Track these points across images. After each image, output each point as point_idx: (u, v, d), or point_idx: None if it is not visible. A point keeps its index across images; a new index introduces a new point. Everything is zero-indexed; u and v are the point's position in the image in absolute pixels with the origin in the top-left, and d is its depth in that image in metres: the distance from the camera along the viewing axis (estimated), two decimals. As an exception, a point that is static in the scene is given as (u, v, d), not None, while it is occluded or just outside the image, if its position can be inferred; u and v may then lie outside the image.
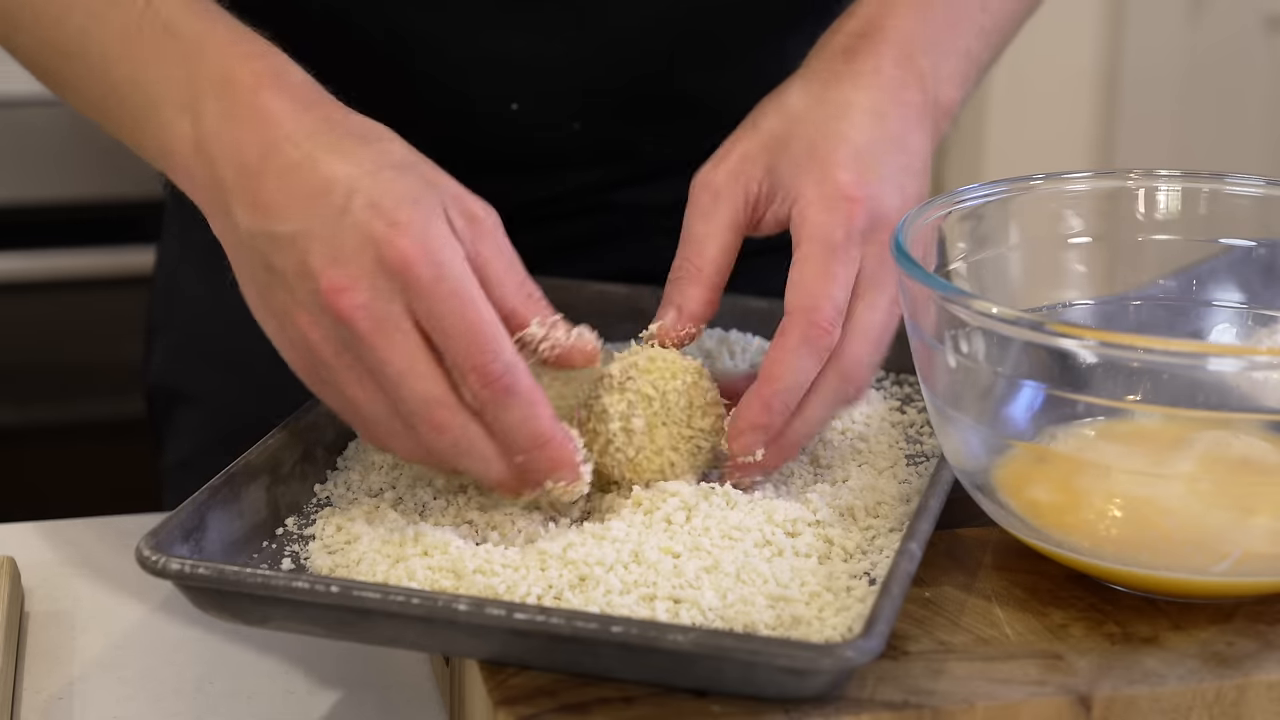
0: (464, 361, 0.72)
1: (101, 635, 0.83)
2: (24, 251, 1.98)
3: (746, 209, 0.82)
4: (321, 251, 0.73)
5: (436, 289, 0.72)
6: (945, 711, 0.66)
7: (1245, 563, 0.71)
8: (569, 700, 0.67)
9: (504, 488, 0.75)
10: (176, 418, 1.14)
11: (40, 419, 2.05)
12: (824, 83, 0.84)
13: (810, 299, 0.77)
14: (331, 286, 0.72)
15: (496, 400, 0.73)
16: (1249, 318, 0.83)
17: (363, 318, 0.72)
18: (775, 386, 0.77)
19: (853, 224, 0.78)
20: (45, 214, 1.98)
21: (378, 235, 0.72)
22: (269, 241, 0.74)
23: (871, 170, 0.80)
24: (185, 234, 1.14)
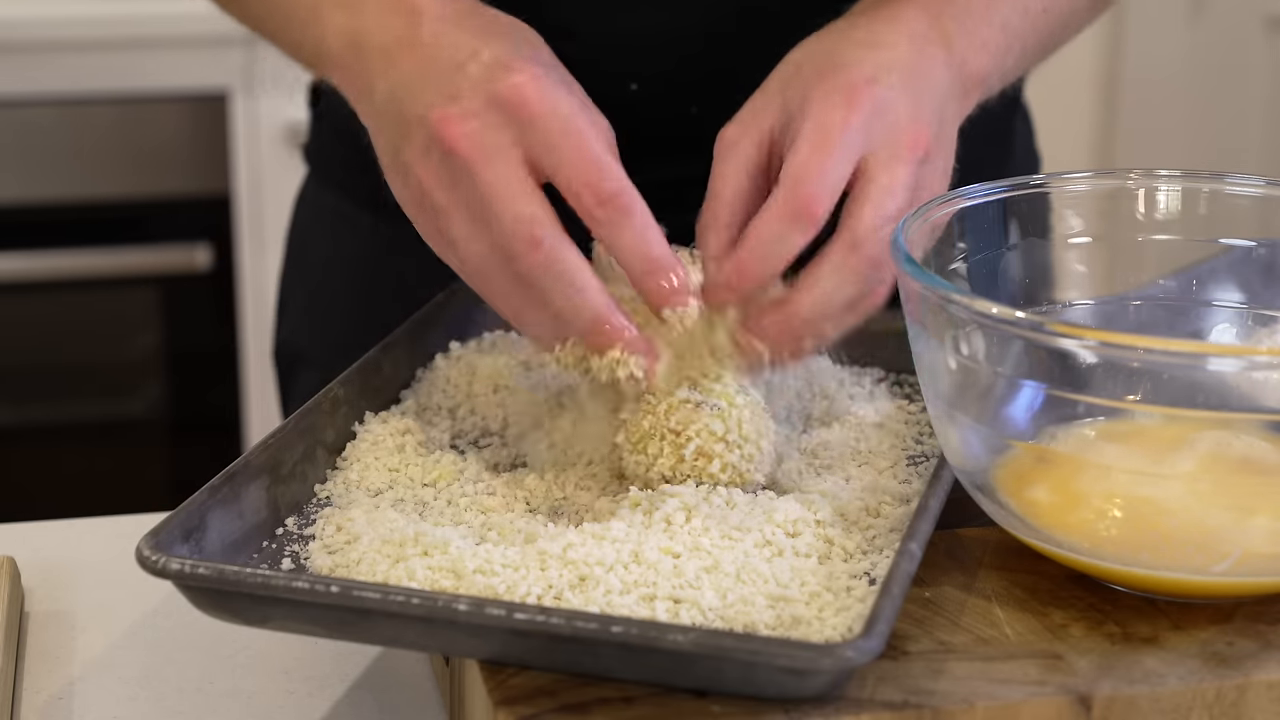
0: (577, 180, 0.74)
1: (101, 635, 0.83)
2: (24, 252, 1.98)
3: (760, 150, 0.81)
4: (438, 91, 0.77)
5: (548, 116, 0.75)
6: (945, 711, 0.66)
7: (1245, 563, 0.71)
8: (569, 700, 0.67)
9: (594, 320, 0.75)
10: (300, 379, 1.16)
11: (40, 419, 2.05)
12: (844, 27, 0.84)
13: (799, 171, 0.76)
14: (441, 118, 0.76)
15: (611, 219, 0.74)
16: (1249, 318, 0.83)
17: (466, 145, 0.75)
18: (750, 249, 0.76)
19: (851, 108, 0.78)
20: (45, 214, 1.98)
21: (494, 75, 0.76)
22: (396, 98, 0.78)
23: (881, 74, 0.79)
24: (317, 198, 1.17)
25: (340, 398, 0.85)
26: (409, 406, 0.89)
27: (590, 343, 0.76)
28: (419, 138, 0.77)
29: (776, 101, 0.81)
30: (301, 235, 1.20)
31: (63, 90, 1.93)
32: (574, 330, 0.76)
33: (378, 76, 0.80)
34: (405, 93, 0.78)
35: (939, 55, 0.83)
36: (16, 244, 1.97)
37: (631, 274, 0.76)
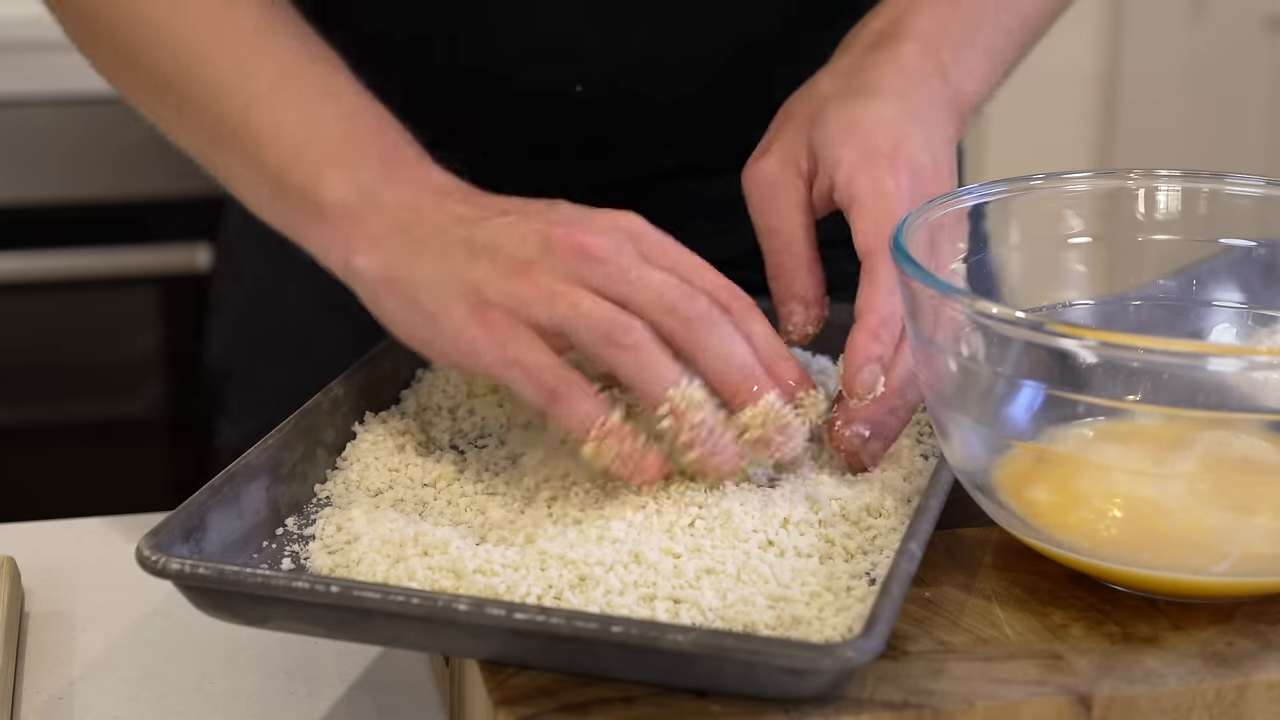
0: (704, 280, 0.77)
1: (101, 635, 0.83)
2: (23, 252, 1.98)
3: (805, 187, 0.84)
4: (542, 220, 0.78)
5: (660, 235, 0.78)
6: (945, 711, 0.66)
7: (1245, 563, 0.71)
8: (569, 700, 0.67)
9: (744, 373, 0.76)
10: (231, 397, 1.15)
11: (40, 419, 2.05)
12: (850, 71, 0.87)
13: (881, 239, 0.79)
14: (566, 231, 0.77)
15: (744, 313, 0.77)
16: (1249, 318, 0.83)
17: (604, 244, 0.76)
18: (876, 315, 0.79)
19: (898, 173, 0.81)
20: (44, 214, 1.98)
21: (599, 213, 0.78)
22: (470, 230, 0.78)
23: (905, 136, 0.83)
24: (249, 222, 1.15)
25: (340, 398, 0.85)
26: (409, 406, 0.89)
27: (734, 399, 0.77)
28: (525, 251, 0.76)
29: (803, 141, 0.85)
30: (232, 247, 1.18)
31: (62, 90, 1.93)
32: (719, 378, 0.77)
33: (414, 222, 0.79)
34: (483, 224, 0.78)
35: (937, 89, 0.87)
36: (16, 244, 1.97)
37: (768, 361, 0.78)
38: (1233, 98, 2.55)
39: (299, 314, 1.11)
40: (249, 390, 1.14)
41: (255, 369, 1.14)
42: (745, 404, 0.77)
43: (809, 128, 0.85)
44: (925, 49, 0.87)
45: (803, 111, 0.86)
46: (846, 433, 0.79)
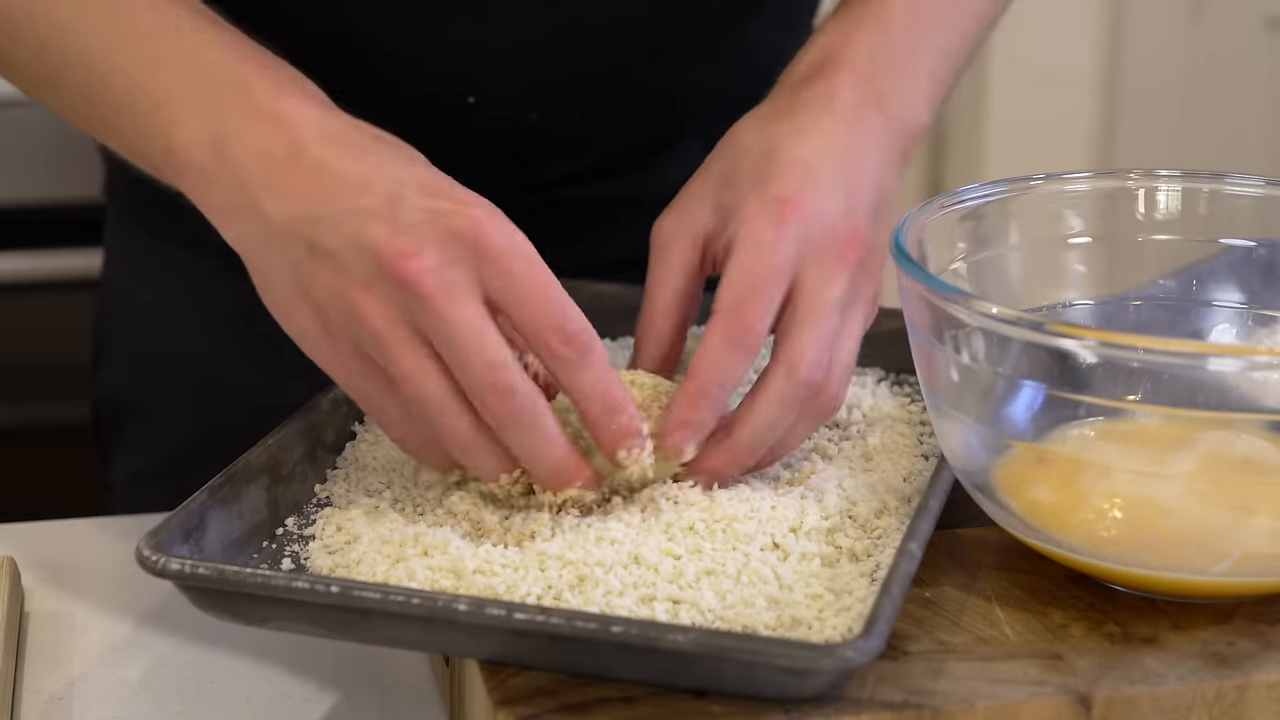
0: (541, 323, 0.72)
1: (101, 635, 0.83)
2: (23, 252, 1.98)
3: (695, 250, 0.82)
4: (383, 224, 0.72)
5: (511, 253, 0.72)
6: (945, 711, 0.66)
7: (1245, 563, 0.71)
8: (569, 700, 0.67)
9: (557, 470, 0.74)
10: (127, 430, 1.12)
11: (40, 419, 2.05)
12: (775, 113, 0.84)
13: (736, 296, 0.76)
14: (397, 252, 0.71)
15: (576, 361, 0.73)
16: (1249, 318, 0.83)
17: (431, 281, 0.71)
18: (700, 381, 0.76)
19: (785, 224, 0.77)
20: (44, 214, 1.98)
21: (445, 208, 0.72)
22: (312, 224, 0.73)
23: (812, 179, 0.79)
24: (128, 242, 1.13)
25: (340, 398, 0.85)
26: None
27: (548, 485, 0.75)
28: (359, 268, 0.72)
29: (711, 200, 0.82)
30: (119, 281, 1.14)
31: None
32: (535, 475, 0.75)
33: (265, 196, 0.74)
34: (324, 219, 0.73)
35: (875, 122, 0.83)
36: (16, 244, 1.97)
37: (588, 414, 0.74)
38: (1233, 98, 2.55)
39: (188, 338, 1.09)
40: (146, 421, 1.11)
41: (151, 400, 1.11)
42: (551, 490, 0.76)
43: (721, 187, 0.81)
44: (860, 79, 0.84)
45: (717, 169, 0.83)
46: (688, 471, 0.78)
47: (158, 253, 1.09)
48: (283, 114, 0.76)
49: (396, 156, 0.76)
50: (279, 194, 0.74)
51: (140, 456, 1.11)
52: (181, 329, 1.09)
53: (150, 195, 1.05)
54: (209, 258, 1.05)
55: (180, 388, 1.09)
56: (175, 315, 1.09)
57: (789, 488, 0.80)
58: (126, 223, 1.13)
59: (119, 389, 1.13)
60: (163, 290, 1.10)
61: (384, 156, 0.75)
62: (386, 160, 0.75)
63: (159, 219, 1.08)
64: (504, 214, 0.74)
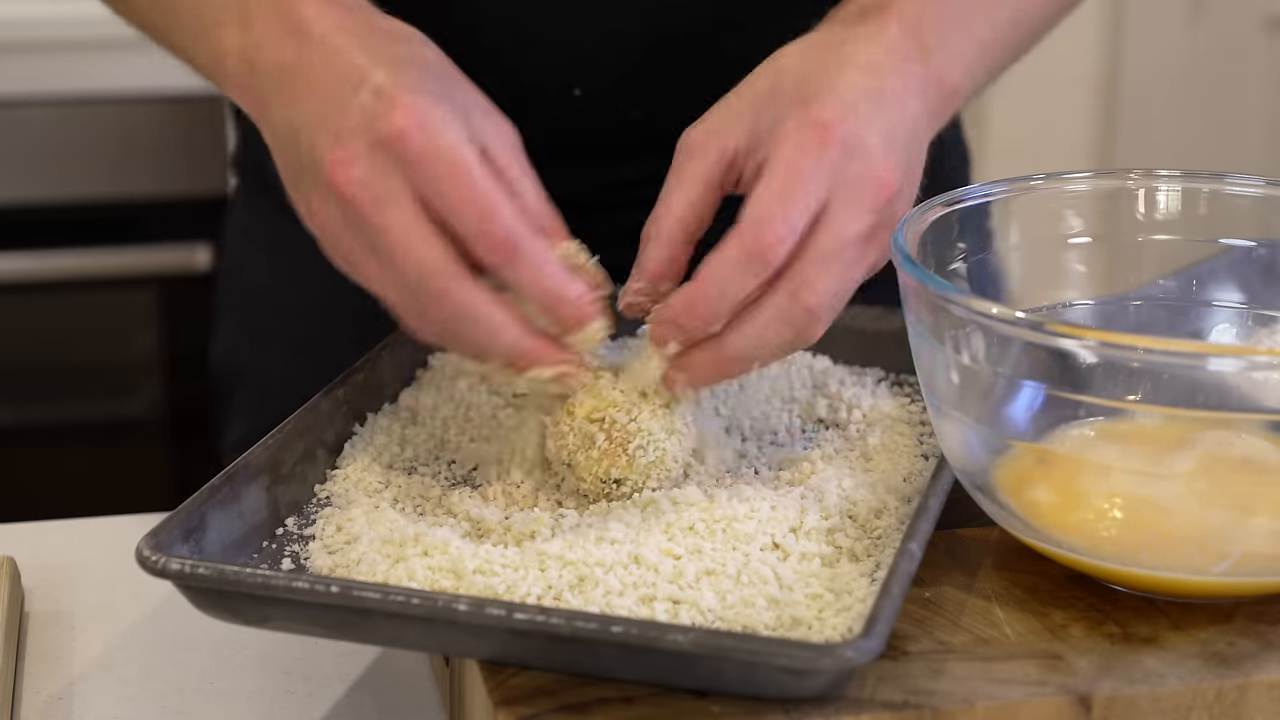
0: (467, 228, 0.73)
1: (101, 635, 0.83)
2: (23, 252, 1.98)
3: (721, 164, 0.80)
4: (326, 133, 0.75)
5: (432, 159, 0.73)
6: (945, 711, 0.66)
7: (1245, 563, 0.71)
8: (569, 700, 0.67)
9: (515, 355, 0.75)
10: (236, 399, 1.15)
11: (40, 419, 2.05)
12: (822, 44, 0.83)
13: (759, 212, 0.76)
14: (333, 161, 0.74)
15: (505, 262, 0.74)
16: (1249, 318, 0.83)
17: (359, 192, 0.73)
18: (702, 289, 0.76)
19: (822, 150, 0.76)
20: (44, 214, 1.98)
21: (376, 112, 0.74)
22: (293, 130, 0.77)
23: (854, 108, 0.78)
24: (252, 212, 1.16)
25: (340, 398, 0.85)
26: (409, 406, 0.89)
27: (514, 369, 0.76)
28: (315, 179, 0.76)
29: (747, 120, 0.80)
30: (237, 248, 1.18)
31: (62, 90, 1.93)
32: (495, 360, 0.76)
33: (274, 102, 0.78)
34: (299, 127, 0.77)
35: (916, 72, 0.82)
36: (16, 244, 1.97)
37: (536, 309, 0.75)
38: (1233, 98, 2.55)
39: (300, 314, 1.11)
40: (253, 390, 1.14)
41: (259, 369, 1.14)
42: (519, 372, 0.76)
43: (759, 105, 0.80)
44: (910, 30, 0.83)
45: (757, 86, 0.81)
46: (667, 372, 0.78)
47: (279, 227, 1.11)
48: (302, 19, 0.78)
49: (389, 51, 0.77)
50: (279, 99, 0.78)
51: (246, 425, 1.13)
52: (295, 301, 1.11)
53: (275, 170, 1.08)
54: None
55: (287, 360, 1.11)
56: (290, 291, 1.11)
57: (789, 488, 0.80)
58: (252, 193, 1.16)
59: (230, 357, 1.16)
60: (280, 265, 1.12)
61: (376, 51, 0.77)
62: (375, 56, 0.77)
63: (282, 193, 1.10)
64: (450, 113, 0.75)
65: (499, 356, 0.75)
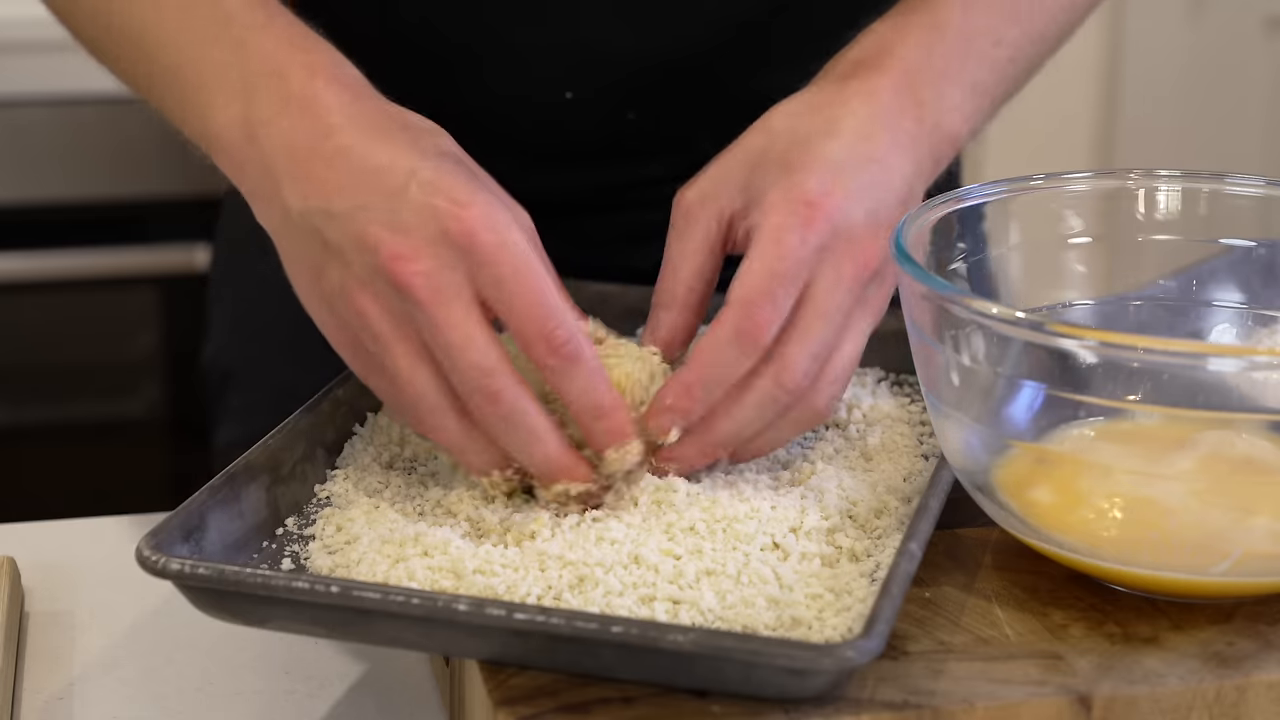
0: (530, 329, 0.73)
1: (101, 635, 0.83)
2: (24, 252, 1.98)
3: (720, 227, 0.81)
4: (382, 223, 0.74)
5: (501, 257, 0.73)
6: (945, 711, 0.66)
7: (1245, 563, 0.71)
8: (569, 700, 0.67)
9: (549, 467, 0.75)
10: (230, 399, 1.14)
11: (40, 419, 2.05)
12: (813, 105, 0.83)
13: (749, 293, 0.76)
14: (393, 254, 0.73)
15: (562, 367, 0.74)
16: (1249, 318, 0.83)
17: (423, 285, 0.73)
18: (697, 373, 0.76)
19: (808, 229, 0.77)
20: (45, 214, 1.98)
21: (441, 209, 0.73)
22: (324, 218, 0.75)
23: (841, 182, 0.79)
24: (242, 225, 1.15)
25: (340, 398, 0.85)
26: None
27: (541, 479, 0.76)
28: (359, 266, 0.74)
29: (739, 181, 0.81)
30: (228, 249, 1.17)
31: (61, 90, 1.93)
32: (530, 471, 0.76)
33: (287, 185, 0.76)
34: (334, 216, 0.75)
35: (910, 130, 0.82)
36: (16, 244, 1.97)
37: (580, 418, 0.75)
38: (1233, 98, 2.55)
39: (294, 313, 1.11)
40: (248, 391, 1.13)
41: (253, 369, 1.14)
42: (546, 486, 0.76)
43: (751, 166, 0.81)
44: (905, 84, 0.83)
45: (749, 145, 0.82)
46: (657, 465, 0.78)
47: None
48: (312, 99, 0.77)
49: (419, 144, 0.77)
50: (298, 184, 0.76)
51: (240, 425, 1.13)
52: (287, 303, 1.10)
53: None
54: None
55: (282, 359, 1.10)
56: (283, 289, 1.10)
57: (789, 488, 0.80)
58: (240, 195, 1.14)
59: (223, 355, 1.16)
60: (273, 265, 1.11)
61: (405, 144, 0.76)
62: (406, 149, 0.76)
63: None
64: (511, 214, 0.75)
65: (537, 466, 0.75)
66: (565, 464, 0.75)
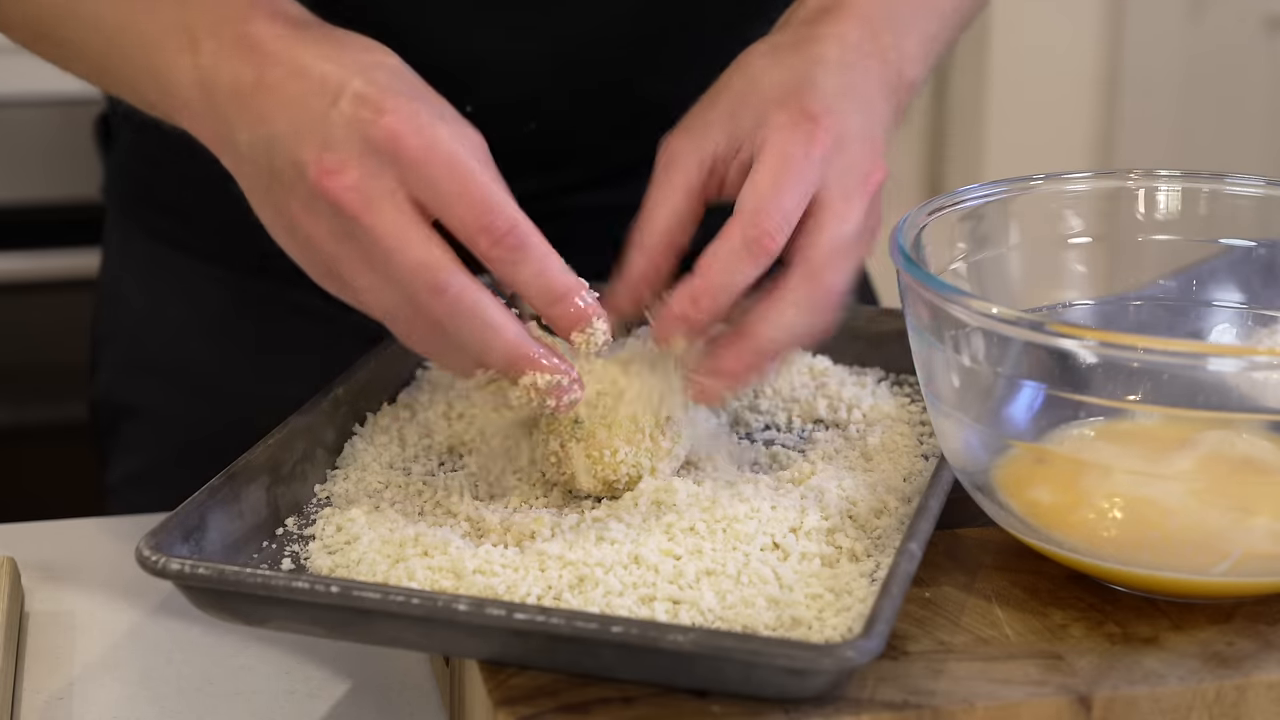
0: (469, 224, 0.73)
1: (101, 635, 0.83)
2: (23, 252, 1.98)
3: (702, 171, 0.81)
4: (311, 142, 0.74)
5: (428, 157, 0.73)
6: (945, 711, 0.66)
7: (1245, 563, 0.71)
8: (569, 700, 0.67)
9: (509, 356, 0.74)
10: (123, 432, 1.13)
11: (40, 419, 2.05)
12: (789, 45, 0.84)
13: (758, 202, 0.76)
14: (321, 171, 0.73)
15: (508, 257, 0.73)
16: (1249, 318, 0.83)
17: (353, 198, 0.73)
18: (705, 281, 0.76)
19: (813, 142, 0.77)
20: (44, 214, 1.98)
21: (364, 118, 0.73)
22: (267, 146, 0.75)
23: (837, 103, 0.79)
24: (125, 245, 1.14)
25: (340, 398, 0.85)
26: (408, 406, 0.89)
27: (509, 374, 0.75)
28: (300, 191, 0.74)
29: (725, 123, 0.81)
30: (116, 282, 1.15)
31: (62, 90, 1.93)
32: (491, 364, 0.75)
33: (237, 124, 0.76)
34: (275, 142, 0.75)
35: (877, 70, 0.83)
36: (15, 244, 1.97)
37: (536, 306, 0.75)
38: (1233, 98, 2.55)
39: (183, 340, 1.09)
40: (139, 423, 1.11)
41: (145, 402, 1.11)
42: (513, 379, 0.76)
43: (736, 108, 0.81)
44: (867, 29, 0.84)
45: (732, 89, 0.82)
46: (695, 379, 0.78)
47: (154, 255, 1.09)
48: (252, 37, 0.77)
49: (356, 59, 0.76)
50: (245, 118, 0.76)
51: (135, 458, 1.12)
52: (177, 331, 1.09)
53: (148, 197, 1.06)
54: (204, 261, 1.04)
55: (174, 390, 1.09)
56: (170, 317, 1.09)
57: (790, 488, 0.80)
58: (124, 224, 1.13)
59: (114, 391, 1.14)
60: (158, 292, 1.10)
61: (342, 60, 0.76)
62: (343, 64, 0.76)
63: (156, 221, 1.08)
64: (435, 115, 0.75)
65: (496, 358, 0.74)
66: (524, 353, 0.74)
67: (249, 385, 1.05)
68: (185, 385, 1.09)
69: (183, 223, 0.80)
